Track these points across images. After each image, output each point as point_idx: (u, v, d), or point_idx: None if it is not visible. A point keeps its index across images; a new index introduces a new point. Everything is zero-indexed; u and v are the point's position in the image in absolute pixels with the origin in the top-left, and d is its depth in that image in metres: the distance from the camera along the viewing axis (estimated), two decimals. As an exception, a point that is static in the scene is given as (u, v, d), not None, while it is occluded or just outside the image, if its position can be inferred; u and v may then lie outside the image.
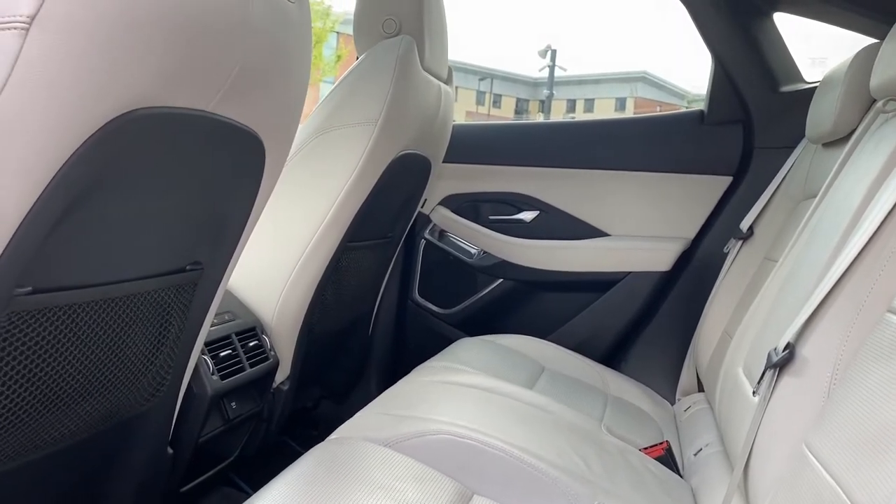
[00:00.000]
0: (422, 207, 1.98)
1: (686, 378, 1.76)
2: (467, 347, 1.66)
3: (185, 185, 0.87)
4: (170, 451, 1.13)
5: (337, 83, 1.44)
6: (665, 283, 1.86)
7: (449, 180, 2.00)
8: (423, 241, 2.01)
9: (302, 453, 1.79)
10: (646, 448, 1.33)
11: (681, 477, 1.30)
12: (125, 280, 0.86)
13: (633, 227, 1.91)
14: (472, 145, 1.99)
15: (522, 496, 0.99)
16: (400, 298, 2.02)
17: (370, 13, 1.54)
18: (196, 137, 0.83)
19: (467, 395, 1.28)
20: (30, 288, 0.72)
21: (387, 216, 1.69)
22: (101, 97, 0.65)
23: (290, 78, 0.95)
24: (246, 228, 1.04)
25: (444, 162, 1.91)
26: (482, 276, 1.98)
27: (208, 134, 0.84)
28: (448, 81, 1.74)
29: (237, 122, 0.88)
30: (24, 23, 0.58)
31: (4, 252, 0.65)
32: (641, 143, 1.91)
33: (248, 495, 1.57)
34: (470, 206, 2.01)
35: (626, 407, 1.58)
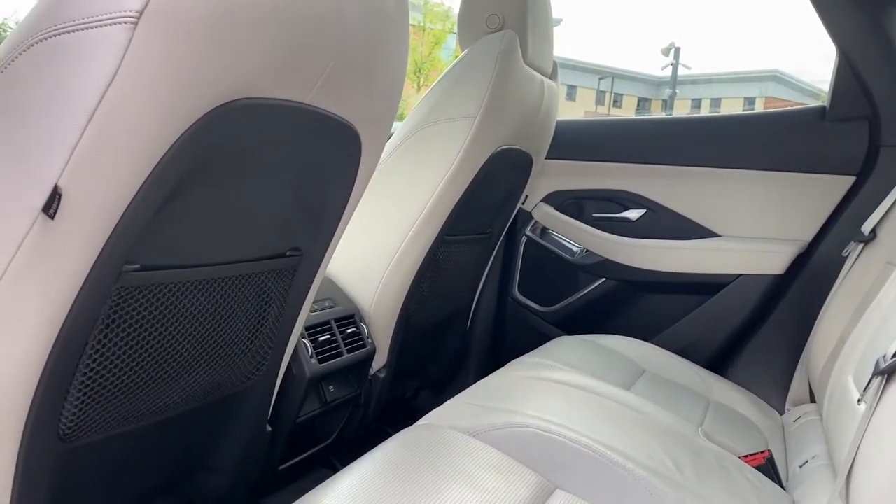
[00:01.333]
0: (523, 204, 1.97)
1: (797, 387, 1.67)
2: (565, 345, 1.65)
3: (284, 174, 0.92)
4: (269, 428, 1.18)
5: (439, 79, 1.47)
6: (778, 286, 1.77)
7: (552, 177, 1.98)
8: (524, 238, 2.01)
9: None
10: (746, 456, 1.28)
11: (783, 489, 1.23)
12: (227, 262, 0.91)
13: (746, 227, 1.83)
14: (577, 141, 1.96)
15: (606, 493, 0.97)
16: (499, 295, 2.02)
17: (474, 8, 1.55)
18: (294, 128, 0.87)
19: (558, 392, 1.27)
20: (138, 265, 0.78)
21: (486, 212, 1.70)
22: (203, 88, 0.70)
23: (387, 72, 0.97)
24: (343, 217, 1.08)
25: (547, 158, 1.90)
26: (584, 274, 1.95)
27: (306, 125, 0.88)
28: (553, 76, 1.73)
29: (334, 114, 0.92)
30: (132, 17, 0.63)
31: (114, 231, 0.70)
32: (757, 140, 1.83)
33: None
34: (573, 203, 1.98)
35: (730, 414, 1.52)
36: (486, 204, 1.67)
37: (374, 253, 1.44)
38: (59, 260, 0.68)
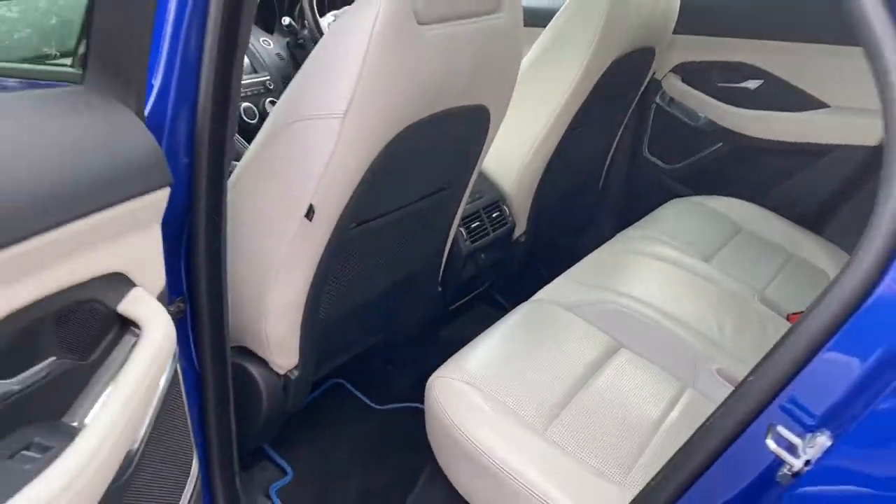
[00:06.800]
0: (654, 75, 2.26)
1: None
2: (675, 210, 2.03)
3: (437, 149, 1.38)
4: (439, 289, 1.75)
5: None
6: (874, 157, 1.98)
7: (681, 49, 2.22)
8: (654, 106, 2.31)
9: (540, 275, 2.31)
10: (794, 314, 1.67)
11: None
12: (405, 206, 1.42)
13: (857, 98, 2.01)
14: (705, 16, 2.17)
15: (658, 352, 1.43)
16: (632, 153, 2.39)
17: None
18: (442, 123, 1.31)
19: (648, 267, 1.71)
20: (355, 223, 1.31)
21: (611, 102, 2.04)
22: (385, 138, 1.17)
23: (506, 63, 1.36)
24: (481, 156, 1.53)
25: (675, 33, 2.14)
26: (704, 138, 2.25)
27: (450, 118, 1.32)
28: None
29: (468, 105, 1.34)
30: (340, 114, 1.10)
31: (342, 214, 1.23)
32: None
33: (503, 308, 2.20)
34: (699, 73, 2.23)
35: (805, 270, 1.87)
36: (609, 99, 2.00)
37: (513, 150, 1.87)
38: (313, 239, 1.23)
